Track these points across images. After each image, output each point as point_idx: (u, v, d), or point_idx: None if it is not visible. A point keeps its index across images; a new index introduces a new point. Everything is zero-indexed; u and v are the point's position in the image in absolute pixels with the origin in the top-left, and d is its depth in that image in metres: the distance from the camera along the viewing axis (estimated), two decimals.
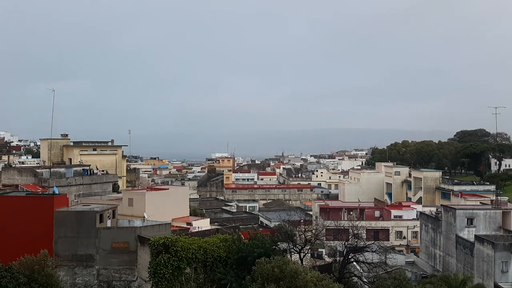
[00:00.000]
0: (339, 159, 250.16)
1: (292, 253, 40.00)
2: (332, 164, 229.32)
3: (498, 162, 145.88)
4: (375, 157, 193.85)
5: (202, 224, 53.83)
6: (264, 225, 79.52)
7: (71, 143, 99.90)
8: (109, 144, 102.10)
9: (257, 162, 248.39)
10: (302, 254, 40.50)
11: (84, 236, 39.39)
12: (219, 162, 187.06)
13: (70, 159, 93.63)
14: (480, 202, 68.44)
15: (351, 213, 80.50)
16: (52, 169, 72.33)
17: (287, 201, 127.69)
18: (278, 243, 37.80)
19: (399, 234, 74.29)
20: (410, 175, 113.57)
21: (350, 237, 46.18)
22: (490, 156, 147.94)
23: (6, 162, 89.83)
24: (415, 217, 73.80)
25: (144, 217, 48.49)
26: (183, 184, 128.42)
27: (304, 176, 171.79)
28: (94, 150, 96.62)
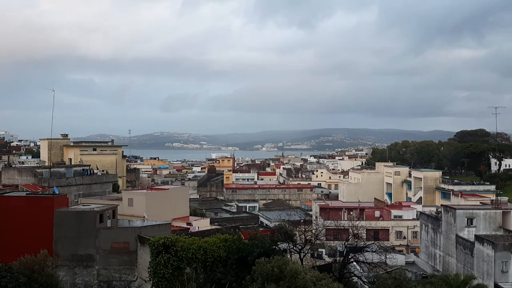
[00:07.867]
0: (339, 159, 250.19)
1: (292, 253, 39.94)
2: (332, 164, 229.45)
3: (498, 162, 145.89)
4: (375, 157, 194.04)
5: (202, 224, 53.87)
6: (264, 225, 79.45)
7: (71, 143, 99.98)
8: (109, 144, 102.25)
9: (257, 162, 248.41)
10: (302, 254, 40.42)
11: (84, 236, 39.40)
12: (219, 162, 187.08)
13: (70, 159, 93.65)
14: (480, 202, 68.45)
15: (351, 213, 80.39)
16: (52, 169, 72.27)
17: (287, 201, 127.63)
18: (278, 243, 37.70)
19: (399, 234, 74.20)
20: (410, 175, 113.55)
21: (350, 237, 46.04)
22: (490, 156, 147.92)
23: (6, 162, 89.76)
24: (415, 217, 73.69)
25: (144, 217, 48.49)
26: (183, 184, 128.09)
27: (304, 176, 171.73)
28: (94, 150, 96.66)
